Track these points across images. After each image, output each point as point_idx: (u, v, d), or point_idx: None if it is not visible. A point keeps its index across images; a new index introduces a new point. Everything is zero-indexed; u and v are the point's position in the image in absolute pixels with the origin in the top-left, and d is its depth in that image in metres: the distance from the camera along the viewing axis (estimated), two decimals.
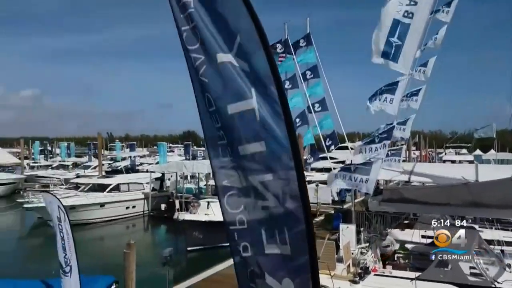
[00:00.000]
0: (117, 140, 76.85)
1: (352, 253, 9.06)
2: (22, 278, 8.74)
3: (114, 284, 8.00)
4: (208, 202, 17.65)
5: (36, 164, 47.84)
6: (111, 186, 24.39)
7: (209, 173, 23.82)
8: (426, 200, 8.59)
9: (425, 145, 52.92)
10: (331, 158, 24.33)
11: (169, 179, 28.58)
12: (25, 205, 21.17)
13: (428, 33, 10.47)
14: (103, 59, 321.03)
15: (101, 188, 24.22)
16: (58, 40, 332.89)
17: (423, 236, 9.89)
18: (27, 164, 45.17)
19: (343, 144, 27.17)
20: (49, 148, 65.61)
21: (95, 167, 37.05)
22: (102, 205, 23.07)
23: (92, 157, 46.21)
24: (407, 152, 32.89)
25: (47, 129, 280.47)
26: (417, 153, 49.11)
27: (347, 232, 9.79)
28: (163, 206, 23.92)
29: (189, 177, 28.62)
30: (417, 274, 7.38)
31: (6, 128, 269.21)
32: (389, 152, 11.00)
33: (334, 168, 19.87)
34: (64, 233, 5.02)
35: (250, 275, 2.53)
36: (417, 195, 8.92)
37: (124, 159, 41.54)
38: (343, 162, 30.15)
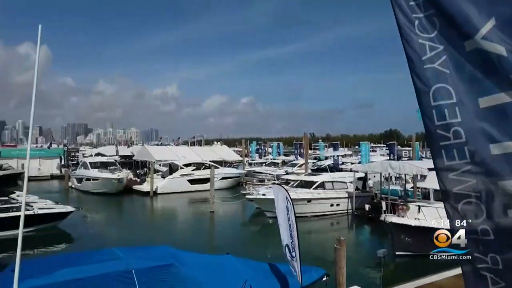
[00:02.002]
0: (320, 140, 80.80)
1: None
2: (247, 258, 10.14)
3: (325, 276, 8.35)
4: (419, 207, 16.41)
5: (253, 161, 55.28)
6: (317, 183, 25.70)
7: (417, 175, 22.18)
8: None
9: None
10: None
11: (374, 179, 28.07)
12: (247, 196, 24.66)
13: None
14: (303, 64, 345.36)
15: (308, 185, 25.84)
16: (264, 52, 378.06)
17: None
18: (246, 161, 52.71)
19: None
20: (262, 147, 74.40)
21: (301, 165, 39.92)
22: (309, 200, 24.57)
23: (298, 156, 49.97)
24: None
25: (259, 130, 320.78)
26: None
27: None
28: (367, 206, 23.66)
29: (393, 178, 27.39)
30: None
31: (230, 130, 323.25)
32: None
33: None
34: (291, 221, 5.57)
35: None
36: None
37: (327, 158, 43.34)
38: None
